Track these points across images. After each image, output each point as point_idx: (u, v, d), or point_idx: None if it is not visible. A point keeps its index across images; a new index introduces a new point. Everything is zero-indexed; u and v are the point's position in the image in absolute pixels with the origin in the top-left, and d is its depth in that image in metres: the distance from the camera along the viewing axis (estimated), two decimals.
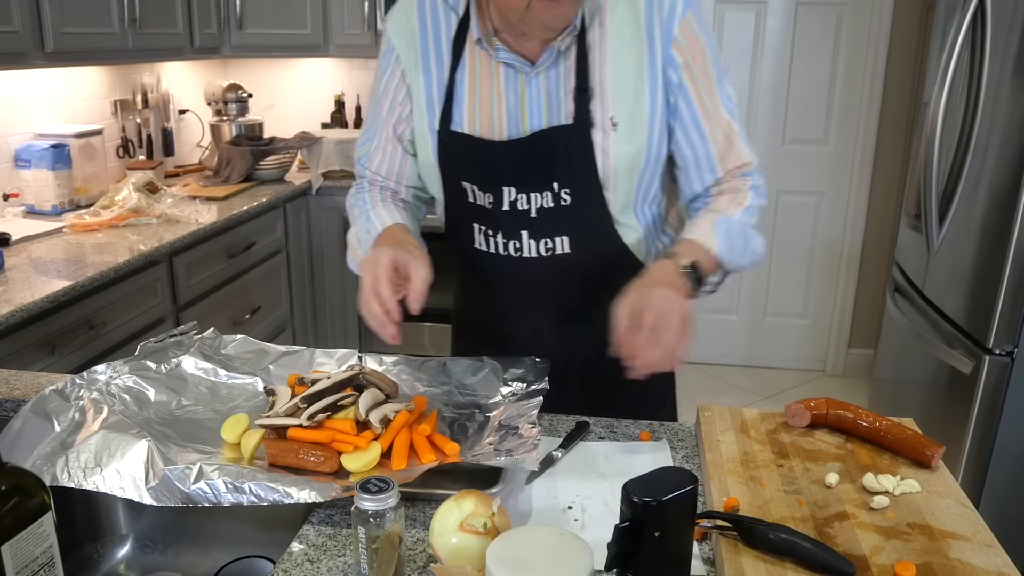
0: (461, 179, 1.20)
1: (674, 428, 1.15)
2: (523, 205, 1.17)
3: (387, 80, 1.24)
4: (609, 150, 1.14)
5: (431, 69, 1.20)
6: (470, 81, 1.18)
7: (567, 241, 1.18)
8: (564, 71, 1.13)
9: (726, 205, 1.16)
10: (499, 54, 1.14)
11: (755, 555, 0.81)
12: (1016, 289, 1.97)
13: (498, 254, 1.22)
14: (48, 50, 2.28)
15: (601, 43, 1.13)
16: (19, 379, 1.27)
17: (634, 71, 1.13)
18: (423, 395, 1.15)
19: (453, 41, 1.18)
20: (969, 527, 0.87)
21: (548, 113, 1.15)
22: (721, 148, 1.18)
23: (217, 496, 0.89)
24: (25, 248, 2.22)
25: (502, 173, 1.17)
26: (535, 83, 1.14)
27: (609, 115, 1.13)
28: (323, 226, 3.29)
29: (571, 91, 1.13)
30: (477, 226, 1.22)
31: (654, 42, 1.12)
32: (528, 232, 1.19)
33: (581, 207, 1.17)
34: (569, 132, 1.13)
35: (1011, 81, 1.97)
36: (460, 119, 1.18)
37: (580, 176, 1.15)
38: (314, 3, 3.27)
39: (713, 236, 1.11)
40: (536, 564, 0.71)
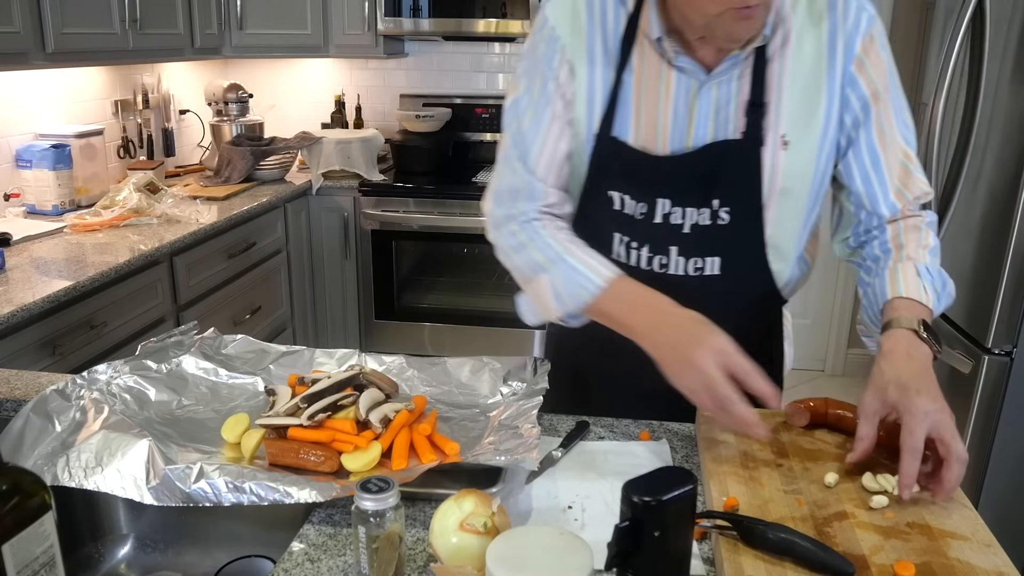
0: (611, 188, 1.12)
1: (674, 428, 1.15)
2: (677, 219, 1.10)
3: (555, 72, 1.11)
4: (778, 170, 1.07)
5: (596, 66, 1.09)
6: (636, 84, 1.08)
7: (718, 263, 1.11)
8: (738, 82, 1.06)
9: (915, 249, 1.08)
10: (679, 58, 1.06)
11: (755, 555, 0.81)
12: (1015, 289, 1.97)
13: (638, 268, 1.13)
14: (49, 50, 2.28)
15: (781, 56, 1.05)
16: (20, 379, 1.27)
17: (811, 88, 1.06)
18: (423, 395, 1.15)
19: (623, 38, 1.08)
20: (968, 527, 0.87)
21: (715, 126, 1.07)
22: (898, 179, 1.10)
23: (218, 496, 0.89)
24: (26, 248, 2.22)
25: (659, 185, 1.10)
26: (707, 93, 1.06)
27: (781, 133, 1.06)
28: (323, 226, 3.30)
29: (743, 104, 1.06)
30: (619, 236, 1.14)
31: (835, 58, 1.05)
32: (678, 248, 1.11)
33: (738, 228, 1.09)
34: (738, 148, 1.06)
35: (1010, 81, 1.97)
36: (623, 125, 1.09)
37: (743, 195, 1.08)
38: (314, 3, 3.27)
39: (922, 286, 1.04)
40: (536, 564, 0.71)
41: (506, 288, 3.31)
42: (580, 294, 1.07)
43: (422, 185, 3.21)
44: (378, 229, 3.24)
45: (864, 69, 1.06)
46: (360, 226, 3.26)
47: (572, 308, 1.09)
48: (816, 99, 1.06)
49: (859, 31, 1.05)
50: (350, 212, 3.25)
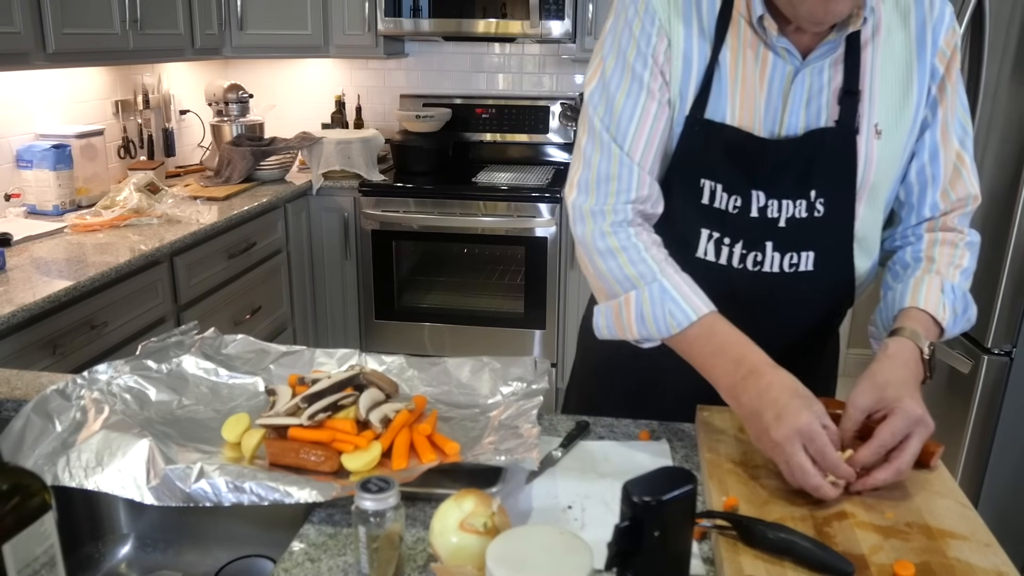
0: (702, 176, 1.06)
1: (674, 428, 1.15)
2: (773, 213, 1.05)
3: (653, 48, 1.05)
4: (872, 160, 1.04)
5: (693, 44, 1.05)
6: (732, 64, 1.04)
7: (812, 258, 1.07)
8: (831, 70, 1.03)
9: (946, 266, 1.06)
10: (779, 39, 1.02)
11: (754, 554, 0.81)
12: (1014, 289, 1.97)
13: (730, 266, 1.08)
14: (49, 51, 2.28)
15: (874, 43, 1.03)
16: (20, 379, 1.27)
17: (903, 77, 1.04)
18: (423, 395, 1.15)
19: (719, 17, 1.04)
20: (968, 526, 0.87)
21: (806, 114, 1.05)
22: (948, 178, 1.08)
23: (218, 495, 0.89)
24: (26, 248, 2.23)
25: (755, 174, 1.05)
26: (801, 79, 1.04)
27: (875, 121, 1.04)
28: (323, 226, 3.30)
29: (835, 92, 1.03)
30: (707, 232, 1.08)
31: (924, 49, 1.04)
32: (774, 244, 1.06)
33: (833, 220, 1.06)
34: (835, 135, 1.04)
35: (1010, 81, 1.97)
36: (719, 107, 1.05)
37: (839, 186, 1.05)
38: (314, 4, 3.27)
39: (942, 304, 1.02)
40: (536, 564, 0.71)
41: (506, 288, 3.31)
42: (668, 323, 1.00)
43: (422, 185, 3.21)
44: (378, 229, 3.25)
45: (945, 61, 1.05)
46: (360, 226, 3.26)
47: (654, 335, 1.02)
48: (908, 89, 1.05)
49: (943, 24, 1.05)
50: (350, 212, 3.25)
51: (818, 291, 1.10)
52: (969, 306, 1.07)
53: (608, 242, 1.04)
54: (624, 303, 1.04)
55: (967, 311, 1.06)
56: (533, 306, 3.21)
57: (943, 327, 1.03)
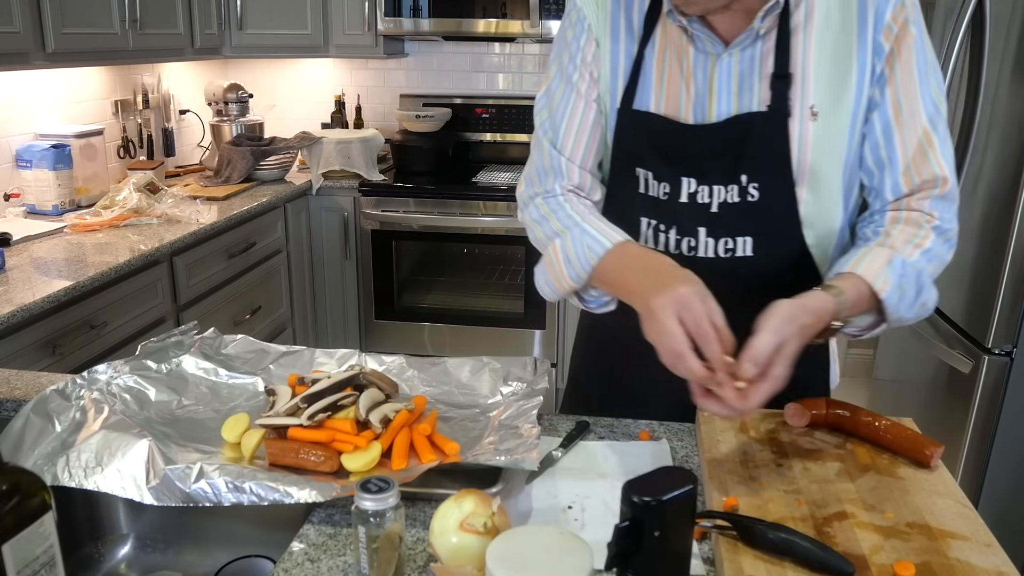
0: (636, 164, 1.11)
1: (674, 428, 1.15)
2: (703, 198, 1.07)
3: (582, 50, 1.12)
4: (807, 142, 1.03)
5: (620, 42, 1.10)
6: (659, 58, 1.08)
7: (750, 243, 1.07)
8: (761, 54, 1.04)
9: (903, 243, 1.02)
10: (692, 25, 1.04)
11: (755, 555, 0.81)
12: (1015, 289, 1.97)
13: (667, 252, 1.10)
14: (49, 50, 2.28)
15: (806, 25, 1.02)
16: (20, 379, 1.27)
17: (841, 57, 1.02)
18: (423, 395, 1.15)
19: (646, 14, 1.09)
20: (968, 526, 0.87)
21: (739, 99, 1.05)
22: (910, 158, 1.04)
23: (218, 496, 0.89)
24: (26, 248, 2.22)
25: (684, 160, 1.07)
26: (726, 65, 1.05)
27: (809, 104, 1.03)
28: (323, 226, 3.30)
29: (767, 76, 1.03)
30: (646, 220, 1.12)
31: (865, 26, 1.02)
32: (707, 229, 1.08)
33: (770, 205, 1.06)
34: (763, 120, 1.03)
35: (1010, 81, 1.97)
36: (645, 98, 1.09)
37: (771, 170, 1.04)
38: (314, 3, 3.27)
39: (885, 276, 0.98)
40: (536, 564, 0.71)
41: (506, 288, 3.31)
42: (588, 256, 1.05)
43: (422, 185, 3.21)
44: (378, 229, 3.24)
45: (891, 38, 1.02)
46: (360, 226, 3.26)
47: (580, 272, 1.06)
48: (847, 69, 1.03)
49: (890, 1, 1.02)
50: (350, 212, 3.25)
51: (761, 276, 1.08)
52: (924, 289, 1.02)
53: (540, 211, 1.14)
54: (553, 253, 1.10)
55: (921, 295, 1.02)
56: (533, 306, 3.21)
57: (882, 300, 0.98)
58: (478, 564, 0.79)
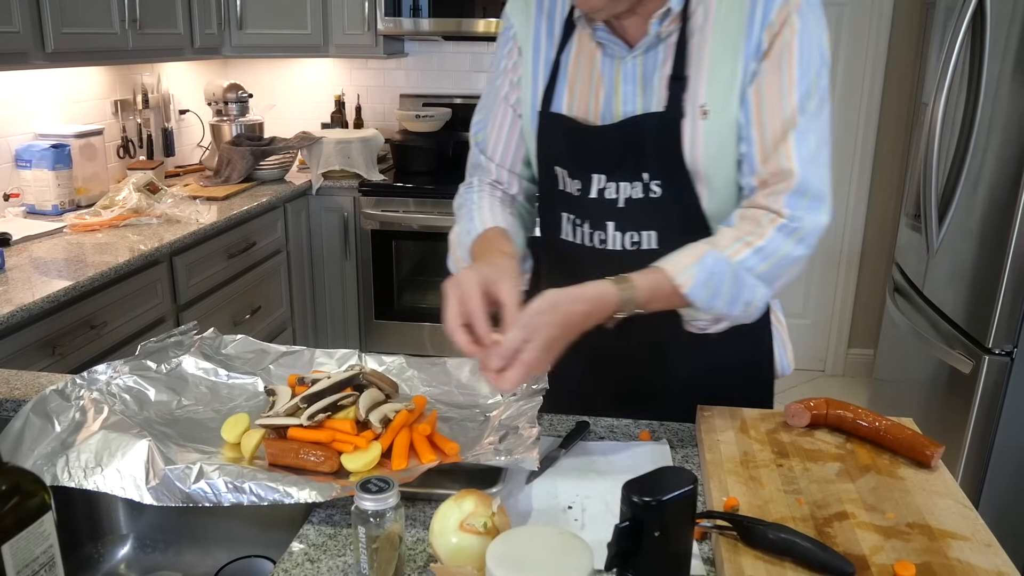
0: (554, 163, 1.17)
1: (674, 428, 1.15)
2: (611, 194, 1.12)
3: (505, 58, 1.21)
4: (698, 141, 1.06)
5: (541, 48, 1.17)
6: (574, 63, 1.14)
7: (655, 236, 1.12)
8: (662, 56, 1.07)
9: (731, 240, 1.03)
10: (597, 34, 1.10)
11: (755, 555, 0.81)
12: (1015, 289, 1.97)
13: (583, 245, 1.17)
14: (48, 50, 2.28)
15: (703, 28, 1.06)
16: (19, 379, 1.27)
17: (731, 58, 1.05)
18: (423, 395, 1.15)
19: (565, 21, 1.15)
20: (968, 527, 0.87)
21: (643, 99, 1.09)
22: (766, 152, 1.05)
23: (217, 496, 0.89)
24: (26, 248, 2.22)
25: (593, 159, 1.13)
26: (631, 68, 1.09)
27: (700, 103, 1.06)
28: (323, 226, 3.30)
29: (666, 78, 1.07)
30: (566, 215, 1.18)
31: (753, 25, 1.04)
32: (615, 224, 1.13)
33: (671, 201, 1.10)
34: (658, 120, 1.07)
35: (1011, 81, 1.97)
36: (560, 101, 1.15)
37: (668, 167, 1.08)
38: (314, 3, 3.27)
39: (690, 272, 1.00)
40: (536, 564, 0.71)
41: None
42: (466, 240, 1.15)
43: (422, 185, 3.21)
44: (378, 229, 3.24)
45: (771, 33, 1.03)
46: (360, 226, 3.26)
47: (464, 254, 1.15)
48: (735, 68, 1.05)
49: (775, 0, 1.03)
50: (350, 212, 3.25)
51: None
52: (747, 288, 1.02)
53: (458, 200, 1.26)
54: (453, 237, 1.20)
55: (743, 293, 1.02)
56: None
57: (685, 295, 1.00)
58: (478, 564, 0.79)
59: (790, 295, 3.79)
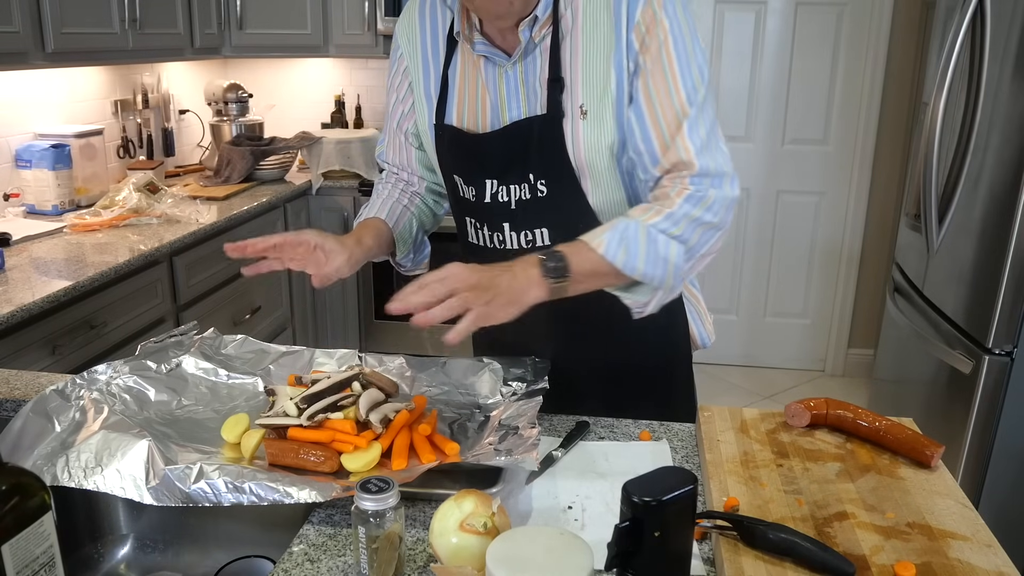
0: (452, 172, 1.23)
1: (674, 428, 1.15)
2: (503, 197, 1.18)
3: (392, 77, 1.29)
4: (579, 140, 1.12)
5: (429, 65, 1.23)
6: (460, 75, 1.20)
7: (547, 233, 1.18)
8: (540, 61, 1.13)
9: (642, 211, 1.07)
10: (477, 47, 1.15)
11: (755, 555, 0.81)
12: (1015, 289, 1.97)
13: (485, 247, 1.23)
14: (48, 50, 2.28)
15: (573, 31, 1.11)
16: (19, 379, 1.27)
17: (603, 58, 1.10)
18: (423, 395, 1.15)
19: (447, 38, 1.21)
20: (969, 527, 0.87)
21: (527, 104, 1.15)
22: (663, 144, 1.09)
23: (217, 496, 0.89)
24: (25, 248, 2.22)
25: (484, 165, 1.18)
26: (512, 75, 1.15)
27: (579, 103, 1.11)
28: (323, 226, 3.29)
29: (545, 81, 1.13)
30: (468, 219, 1.25)
31: (620, 27, 1.09)
32: (510, 224, 1.20)
33: (558, 198, 1.16)
34: (541, 122, 1.13)
35: (1011, 81, 1.97)
36: (451, 113, 1.21)
37: (554, 167, 1.14)
38: (314, 3, 3.27)
39: (605, 237, 1.03)
40: (536, 564, 0.71)
41: None
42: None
43: None
44: None
45: (640, 33, 1.08)
46: None
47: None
48: (607, 69, 1.10)
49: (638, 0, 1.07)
50: (350, 212, 3.25)
51: None
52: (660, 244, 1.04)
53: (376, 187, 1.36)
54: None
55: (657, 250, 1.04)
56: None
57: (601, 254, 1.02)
58: (478, 564, 0.79)
59: (790, 295, 3.79)
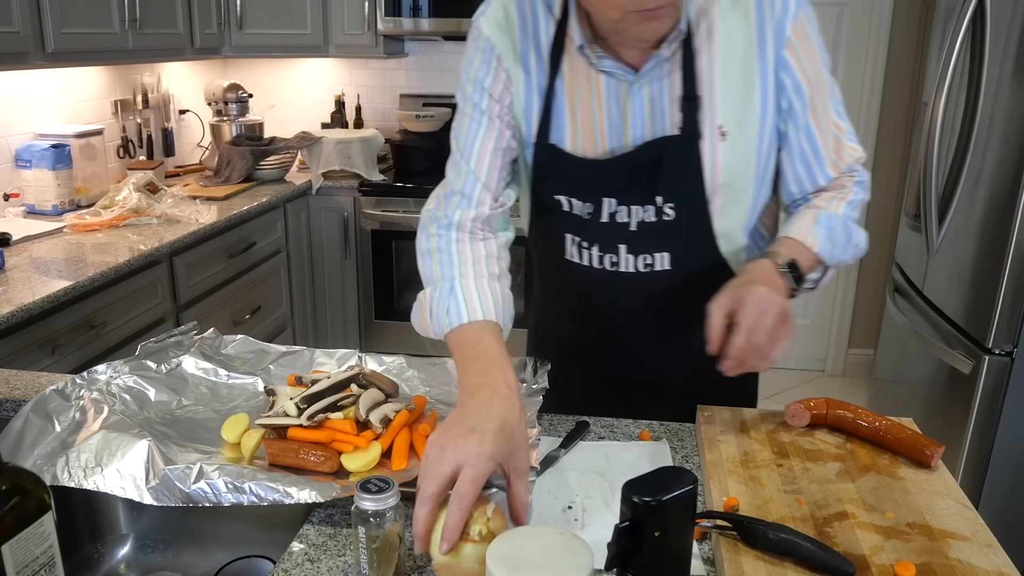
0: (556, 192, 1.14)
1: (674, 428, 1.15)
2: (623, 218, 1.11)
3: (491, 81, 1.12)
4: (718, 162, 1.07)
5: (531, 74, 1.11)
6: (569, 90, 1.10)
7: (668, 258, 1.12)
8: (669, 79, 1.06)
9: (827, 201, 1.12)
10: (602, 63, 1.06)
11: (755, 555, 0.81)
12: (1015, 289, 1.97)
13: (591, 267, 1.16)
14: (48, 50, 2.28)
15: (709, 48, 1.05)
16: (19, 379, 1.27)
17: (744, 76, 1.06)
18: (423, 395, 1.15)
19: (552, 45, 1.10)
20: (969, 527, 0.87)
21: (652, 123, 1.08)
22: (832, 153, 1.12)
23: (217, 496, 0.89)
24: (26, 248, 2.22)
25: (602, 186, 1.11)
26: (638, 93, 1.07)
27: (718, 124, 1.06)
28: (323, 226, 3.29)
29: (676, 100, 1.06)
30: (570, 237, 1.16)
31: (765, 44, 1.05)
32: (627, 247, 1.13)
33: (685, 223, 1.10)
34: (675, 143, 1.07)
35: (1011, 81, 1.97)
36: (560, 132, 1.11)
37: (686, 190, 1.08)
38: (314, 3, 3.27)
39: (814, 232, 1.07)
40: (536, 564, 0.71)
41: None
42: (443, 320, 1.05)
43: (422, 185, 3.21)
44: (378, 229, 3.24)
45: (795, 52, 1.06)
46: (360, 226, 3.26)
47: (437, 331, 1.07)
48: (751, 87, 1.07)
49: (788, 14, 1.05)
50: (350, 212, 3.25)
51: (680, 287, 1.14)
52: (853, 233, 1.12)
53: (430, 244, 1.15)
54: (423, 298, 1.12)
55: (852, 238, 1.12)
56: None
57: (816, 252, 1.08)
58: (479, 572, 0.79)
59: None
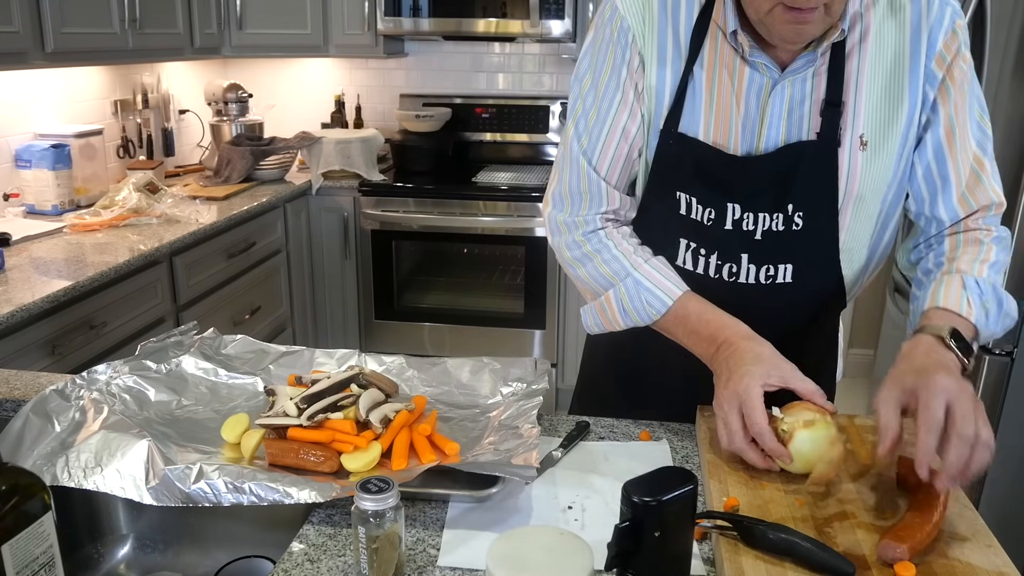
0: (678, 188, 1.08)
1: (674, 428, 1.15)
2: (748, 225, 1.05)
3: (625, 67, 1.06)
4: (855, 173, 1.02)
5: (667, 58, 1.05)
6: (708, 79, 1.04)
7: (791, 270, 1.07)
8: (813, 81, 1.01)
9: (969, 263, 1.02)
10: (753, 53, 1.01)
11: (755, 555, 0.81)
12: (1015, 289, 1.96)
13: (706, 276, 1.09)
14: (48, 50, 2.28)
15: (861, 52, 1.01)
16: (19, 379, 1.27)
17: (892, 86, 1.01)
18: (423, 395, 1.15)
19: (694, 30, 1.04)
20: (969, 527, 0.87)
21: (787, 126, 1.03)
22: (965, 184, 1.05)
23: (217, 496, 0.89)
24: (25, 248, 2.22)
25: (730, 188, 1.05)
26: (780, 92, 1.02)
27: (859, 133, 1.01)
28: (323, 226, 3.29)
29: (818, 103, 1.01)
30: (685, 242, 1.10)
31: (918, 53, 1.00)
32: (749, 256, 1.07)
33: (813, 234, 1.05)
34: (813, 150, 1.02)
35: (1011, 81, 1.97)
36: (692, 121, 1.05)
37: (818, 200, 1.03)
38: (314, 3, 3.27)
39: (967, 301, 0.98)
40: (536, 564, 0.71)
41: (506, 288, 3.31)
42: (648, 312, 1.07)
43: (422, 185, 3.21)
44: (378, 229, 3.24)
45: (944, 65, 1.01)
46: (360, 226, 3.26)
47: (638, 323, 1.09)
48: (899, 98, 1.02)
49: (942, 26, 1.01)
50: (350, 212, 3.25)
51: (798, 302, 1.10)
52: (1004, 300, 1.01)
53: (583, 249, 1.12)
54: (605, 300, 1.11)
55: (1002, 305, 1.01)
56: (533, 306, 3.21)
57: (973, 323, 0.98)
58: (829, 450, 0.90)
59: None
